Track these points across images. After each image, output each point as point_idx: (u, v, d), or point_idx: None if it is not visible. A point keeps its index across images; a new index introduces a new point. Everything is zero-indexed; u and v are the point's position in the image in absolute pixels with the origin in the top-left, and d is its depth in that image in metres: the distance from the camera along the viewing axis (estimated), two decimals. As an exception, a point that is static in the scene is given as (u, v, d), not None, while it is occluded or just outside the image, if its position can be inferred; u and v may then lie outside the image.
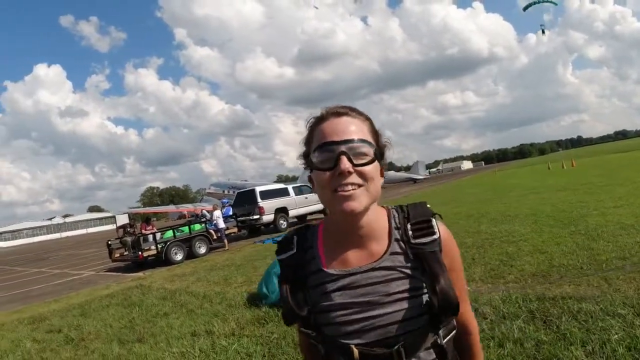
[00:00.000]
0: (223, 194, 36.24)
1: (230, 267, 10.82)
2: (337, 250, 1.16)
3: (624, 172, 19.67)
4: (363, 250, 1.15)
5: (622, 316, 3.95)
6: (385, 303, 1.09)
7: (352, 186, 1.04)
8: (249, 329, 5.45)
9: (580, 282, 5.14)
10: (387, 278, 1.11)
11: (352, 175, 1.04)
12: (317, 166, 1.09)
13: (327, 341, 1.13)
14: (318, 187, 1.12)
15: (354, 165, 1.04)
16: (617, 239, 6.79)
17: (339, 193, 1.04)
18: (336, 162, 1.04)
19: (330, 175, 1.05)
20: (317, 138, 1.11)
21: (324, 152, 1.07)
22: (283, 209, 19.88)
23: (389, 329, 1.08)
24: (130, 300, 8.57)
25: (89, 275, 14.97)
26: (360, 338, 1.09)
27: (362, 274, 1.12)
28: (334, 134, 1.08)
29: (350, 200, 1.04)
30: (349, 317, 1.10)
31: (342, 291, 1.11)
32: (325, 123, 1.12)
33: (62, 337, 6.63)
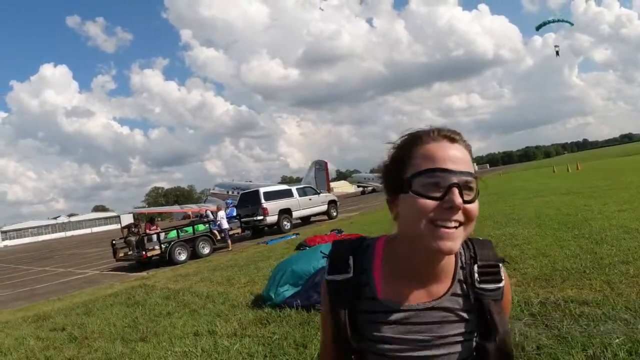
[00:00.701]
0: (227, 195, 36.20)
1: (233, 267, 10.84)
2: (395, 280, 1.08)
3: (629, 175, 19.58)
4: (424, 286, 1.07)
5: (624, 320, 3.94)
6: (439, 345, 1.04)
7: (454, 223, 0.94)
8: (251, 329, 5.47)
9: (583, 285, 5.13)
10: (444, 320, 1.06)
11: (460, 212, 0.94)
12: (420, 192, 0.95)
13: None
14: (410, 213, 0.97)
15: (464, 201, 0.94)
16: (620, 243, 6.77)
17: (440, 229, 0.93)
18: (446, 193, 0.93)
19: (435, 206, 0.94)
20: (422, 160, 0.98)
21: (433, 179, 0.95)
22: (287, 210, 19.93)
23: None
24: (134, 299, 8.60)
25: (93, 274, 15.04)
26: None
27: (419, 311, 1.06)
28: (450, 161, 0.96)
29: (451, 240, 0.94)
30: (398, 353, 1.04)
31: (396, 326, 1.05)
32: (434, 145, 0.99)
33: (65, 335, 6.66)
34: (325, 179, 30.83)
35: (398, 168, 1.02)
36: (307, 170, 33.58)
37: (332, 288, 1.11)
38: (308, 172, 32.78)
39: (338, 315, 1.07)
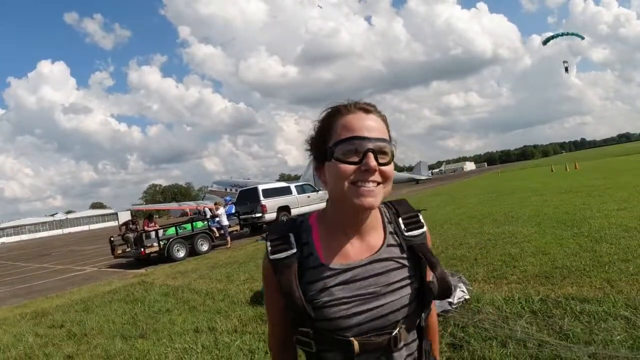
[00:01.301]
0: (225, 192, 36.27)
1: (232, 264, 10.84)
2: (335, 244, 1.18)
3: (627, 175, 19.62)
4: (362, 244, 1.18)
5: (625, 317, 3.95)
6: (386, 293, 1.14)
7: (372, 183, 1.07)
8: (252, 326, 5.47)
9: (583, 283, 5.14)
10: (387, 269, 1.16)
11: (376, 173, 1.07)
12: (341, 158, 1.08)
13: (323, 338, 1.14)
14: (334, 177, 1.10)
15: (379, 164, 1.07)
16: (619, 241, 6.78)
17: (360, 187, 1.07)
18: (363, 157, 1.06)
19: (354, 170, 1.07)
20: (342, 130, 1.11)
21: (351, 146, 1.08)
22: (285, 207, 19.90)
23: (388, 317, 1.13)
24: (133, 296, 8.59)
25: (92, 271, 15.02)
26: (360, 330, 1.12)
27: (363, 267, 1.15)
28: (364, 129, 1.09)
29: (370, 197, 1.07)
30: (351, 310, 1.12)
31: (344, 285, 1.13)
32: (351, 116, 1.12)
33: (64, 332, 6.65)
34: (324, 176, 30.80)
35: (322, 139, 1.15)
36: (305, 168, 33.62)
37: (278, 267, 1.16)
38: (306, 170, 32.81)
39: (290, 291, 1.12)
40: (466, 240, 8.86)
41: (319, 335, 1.14)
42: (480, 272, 6.28)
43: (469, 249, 7.92)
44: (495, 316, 4.49)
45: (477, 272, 6.31)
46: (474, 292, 5.27)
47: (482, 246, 8.10)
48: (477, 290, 5.42)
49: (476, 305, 4.85)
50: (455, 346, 4.00)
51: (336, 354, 1.14)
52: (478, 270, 6.39)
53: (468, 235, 9.45)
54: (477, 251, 7.71)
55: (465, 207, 16.28)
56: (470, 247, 8.06)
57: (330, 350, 1.14)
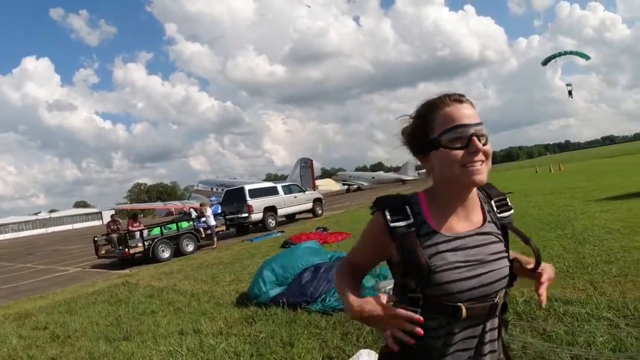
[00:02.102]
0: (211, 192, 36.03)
1: (218, 265, 10.79)
2: (444, 217, 1.34)
3: (610, 177, 19.87)
4: (467, 219, 1.36)
5: (608, 319, 4.01)
6: (491, 261, 1.31)
7: (479, 163, 1.25)
8: (237, 328, 5.44)
9: (566, 285, 5.19)
10: (489, 241, 1.34)
11: (480, 153, 1.25)
12: (448, 145, 1.25)
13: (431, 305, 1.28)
14: (445, 163, 1.27)
15: (483, 144, 1.25)
16: (603, 243, 6.87)
17: (470, 168, 1.24)
18: (468, 142, 1.24)
19: (462, 154, 1.24)
20: (443, 121, 1.28)
21: (456, 134, 1.25)
22: (272, 207, 19.84)
23: (493, 285, 1.30)
24: (117, 297, 8.50)
25: (75, 271, 14.84)
26: (471, 295, 1.27)
27: (470, 237, 1.32)
28: (464, 117, 1.26)
29: (479, 174, 1.25)
30: (463, 274, 1.27)
31: (454, 251, 1.29)
32: (449, 108, 1.28)
33: (48, 334, 6.56)
34: (311, 176, 30.81)
35: (423, 132, 1.32)
36: (292, 168, 33.56)
37: (397, 235, 1.31)
38: (293, 170, 32.74)
39: (416, 257, 1.27)
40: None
41: (428, 302, 1.28)
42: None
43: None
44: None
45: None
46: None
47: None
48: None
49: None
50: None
51: (440, 321, 1.29)
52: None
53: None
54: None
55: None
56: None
57: (435, 318, 1.28)
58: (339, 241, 12.09)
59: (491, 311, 1.32)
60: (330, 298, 5.75)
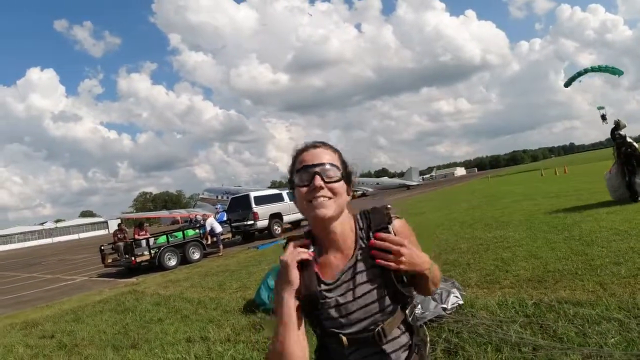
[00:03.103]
0: (216, 200, 36.19)
1: (224, 272, 10.78)
2: (323, 257, 1.46)
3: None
4: (341, 253, 1.45)
5: (619, 320, 3.97)
6: (360, 296, 1.39)
7: (323, 198, 1.37)
8: (245, 335, 5.43)
9: (575, 286, 5.15)
10: (360, 270, 1.41)
11: (324, 189, 1.37)
12: (298, 184, 1.41)
13: (323, 329, 1.41)
14: (297, 200, 1.44)
15: (325, 182, 1.37)
16: (611, 245, 6.82)
17: (312, 202, 1.37)
18: (311, 179, 1.37)
19: (307, 190, 1.38)
20: (299, 164, 1.44)
21: (303, 174, 1.40)
22: (277, 214, 19.87)
23: (373, 318, 1.38)
24: (124, 305, 8.50)
25: (82, 280, 14.86)
26: (347, 330, 1.38)
27: (345, 273, 1.42)
28: (312, 159, 1.41)
29: (323, 208, 1.36)
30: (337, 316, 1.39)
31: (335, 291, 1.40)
32: (304, 153, 1.45)
33: (55, 342, 6.57)
34: (315, 183, 30.80)
35: (292, 173, 1.47)
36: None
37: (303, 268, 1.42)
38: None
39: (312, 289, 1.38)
40: (458, 245, 8.87)
41: (321, 327, 1.41)
42: (473, 277, 6.29)
43: (462, 254, 7.93)
44: (490, 321, 4.49)
45: (470, 277, 6.31)
46: (468, 297, 5.27)
47: (474, 251, 8.12)
48: (470, 295, 5.41)
49: (470, 311, 4.84)
50: (450, 352, 3.99)
51: (334, 345, 1.42)
52: (471, 275, 6.39)
53: (460, 240, 9.47)
54: (470, 256, 7.72)
55: (457, 212, 16.32)
56: (463, 252, 8.07)
57: (329, 340, 1.43)
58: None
59: (377, 338, 1.38)
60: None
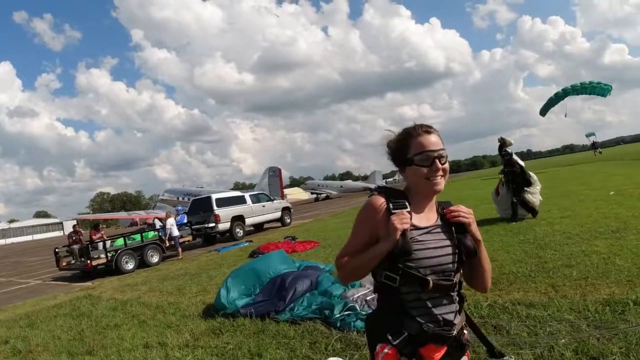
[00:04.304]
0: (177, 201, 35.53)
1: (184, 276, 10.61)
2: (416, 213, 1.83)
3: (570, 184, 20.44)
4: (428, 216, 1.87)
5: (569, 321, 4.12)
6: (444, 246, 1.79)
7: (439, 177, 1.80)
8: (204, 340, 5.36)
9: (528, 288, 5.32)
10: (442, 231, 1.84)
11: (440, 170, 1.79)
12: (418, 164, 1.79)
13: (408, 275, 1.75)
14: (415, 177, 1.82)
15: (442, 164, 1.80)
16: (563, 248, 7.06)
17: (432, 180, 1.79)
18: (432, 163, 1.78)
19: (427, 170, 1.78)
20: (417, 146, 1.80)
21: (424, 155, 1.78)
22: (240, 217, 19.67)
23: (448, 266, 1.78)
24: (79, 310, 8.27)
25: (36, 284, 14.38)
26: (432, 270, 1.76)
27: (432, 227, 1.84)
28: (431, 145, 1.80)
29: (438, 185, 1.80)
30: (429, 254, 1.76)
31: (424, 239, 1.79)
32: (421, 137, 1.81)
33: (9, 348, 6.35)
34: (279, 185, 30.80)
35: (402, 152, 1.85)
36: (260, 177, 33.44)
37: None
38: (262, 179, 32.66)
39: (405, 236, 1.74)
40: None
41: (404, 273, 1.75)
42: (432, 280, 6.38)
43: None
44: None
45: (429, 280, 6.40)
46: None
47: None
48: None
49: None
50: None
51: (414, 288, 1.76)
52: (430, 278, 6.49)
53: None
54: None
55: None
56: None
57: (410, 285, 1.76)
58: (307, 250, 12.05)
59: (451, 287, 1.79)
60: (298, 307, 5.73)
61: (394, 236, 1.71)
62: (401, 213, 1.75)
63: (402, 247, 1.71)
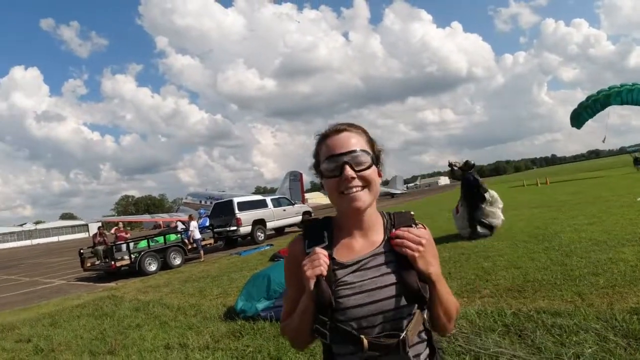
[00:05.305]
0: (200, 204, 35.83)
1: (205, 278, 10.69)
2: (343, 242, 1.36)
3: (596, 190, 20.06)
4: (365, 240, 1.36)
5: (596, 330, 4.01)
6: (388, 285, 1.27)
7: (355, 188, 1.28)
8: (224, 342, 5.37)
9: (554, 296, 5.20)
10: (389, 260, 1.31)
11: (355, 179, 1.28)
12: (327, 174, 1.32)
13: (337, 329, 1.27)
14: (328, 191, 1.34)
15: (356, 171, 1.28)
16: (589, 255, 6.91)
17: (346, 195, 1.28)
18: (341, 170, 1.27)
19: (337, 181, 1.29)
20: (324, 152, 1.34)
21: (331, 163, 1.30)
22: (261, 220, 19.77)
23: (393, 315, 1.26)
24: (102, 310, 8.38)
25: (60, 284, 14.62)
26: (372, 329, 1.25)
27: (367, 258, 1.32)
28: (338, 147, 1.31)
29: (357, 200, 1.28)
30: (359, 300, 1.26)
31: (352, 274, 1.29)
32: (329, 139, 1.35)
33: (31, 347, 6.45)
34: (300, 189, 30.77)
35: (317, 162, 1.40)
36: (281, 181, 33.48)
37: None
38: (283, 183, 32.68)
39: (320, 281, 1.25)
40: (440, 254, 8.86)
41: (333, 328, 1.26)
42: (453, 286, 6.30)
43: (443, 263, 7.95)
44: (469, 330, 4.51)
45: (451, 286, 6.30)
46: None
47: (455, 260, 8.16)
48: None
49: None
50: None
51: (347, 348, 1.28)
52: (452, 284, 6.41)
53: (442, 249, 9.49)
54: (451, 265, 7.76)
55: (439, 221, 16.40)
56: (444, 261, 8.09)
57: (341, 344, 1.28)
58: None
59: (402, 346, 1.25)
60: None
61: (308, 287, 1.24)
62: (313, 253, 1.27)
63: (317, 299, 1.24)
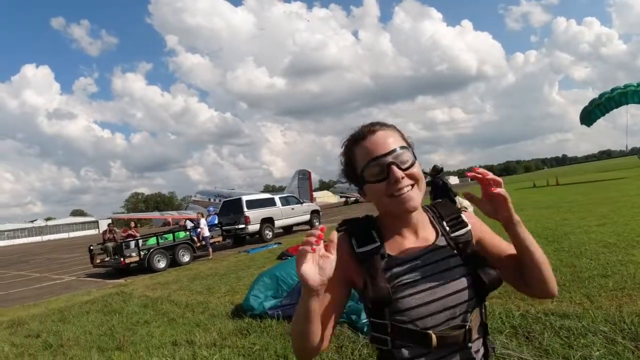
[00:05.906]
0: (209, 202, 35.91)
1: (213, 276, 10.73)
2: (394, 241, 1.29)
3: (607, 191, 19.90)
4: (417, 239, 1.30)
5: (604, 333, 3.98)
6: (450, 281, 1.22)
7: (406, 188, 1.20)
8: (231, 340, 5.39)
9: (562, 298, 5.16)
10: (446, 255, 1.26)
11: (404, 179, 1.20)
12: (371, 180, 1.23)
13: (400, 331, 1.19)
14: (375, 197, 1.26)
15: (403, 170, 1.20)
16: (599, 257, 6.85)
17: (398, 197, 1.20)
18: (387, 172, 1.20)
19: (386, 185, 1.20)
20: (362, 156, 1.25)
21: (375, 167, 1.22)
22: (269, 219, 19.80)
23: (459, 309, 1.21)
24: (111, 307, 8.45)
25: (70, 280, 14.75)
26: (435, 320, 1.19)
27: (425, 255, 1.25)
28: (378, 148, 1.22)
29: (409, 201, 1.21)
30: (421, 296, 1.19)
31: (411, 273, 1.22)
32: (364, 141, 1.26)
33: (40, 342, 6.51)
34: (309, 188, 30.77)
35: (352, 168, 1.31)
36: (290, 180, 33.49)
37: (365, 258, 1.25)
38: (291, 181, 32.69)
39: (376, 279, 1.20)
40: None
41: (396, 328, 1.19)
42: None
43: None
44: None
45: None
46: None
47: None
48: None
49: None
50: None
51: (413, 350, 1.20)
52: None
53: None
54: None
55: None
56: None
57: (406, 346, 1.20)
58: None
59: (466, 338, 1.20)
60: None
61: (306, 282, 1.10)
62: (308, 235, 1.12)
63: (373, 297, 1.17)
